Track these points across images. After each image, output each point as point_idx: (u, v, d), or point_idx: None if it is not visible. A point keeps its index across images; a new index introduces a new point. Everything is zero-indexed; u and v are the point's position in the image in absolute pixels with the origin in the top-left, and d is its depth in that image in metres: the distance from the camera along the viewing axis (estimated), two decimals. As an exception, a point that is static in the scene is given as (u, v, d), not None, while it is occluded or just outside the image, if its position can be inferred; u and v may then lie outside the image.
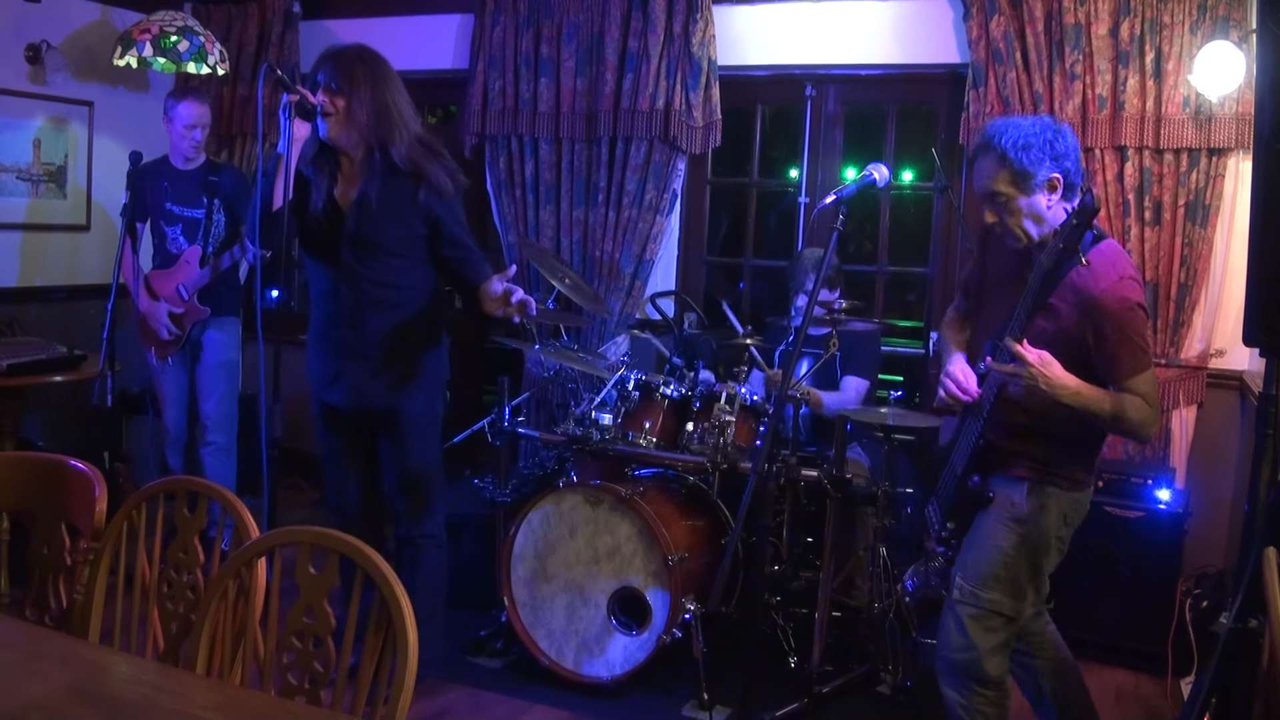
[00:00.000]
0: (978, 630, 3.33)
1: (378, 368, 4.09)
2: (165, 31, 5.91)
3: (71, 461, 2.87)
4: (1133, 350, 3.10)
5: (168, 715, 2.05)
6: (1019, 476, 3.33)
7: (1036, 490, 3.31)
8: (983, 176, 3.19)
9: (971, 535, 3.43)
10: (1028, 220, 3.17)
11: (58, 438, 6.33)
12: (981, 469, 3.39)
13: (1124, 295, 3.08)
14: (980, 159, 3.21)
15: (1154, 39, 4.93)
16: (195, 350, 5.68)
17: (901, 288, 7.42)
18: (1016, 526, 3.31)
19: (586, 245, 6.14)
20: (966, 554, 3.42)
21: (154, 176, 5.57)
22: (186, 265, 5.53)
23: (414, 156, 3.94)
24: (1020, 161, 3.10)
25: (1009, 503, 3.33)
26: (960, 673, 3.38)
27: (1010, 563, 3.31)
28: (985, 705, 3.38)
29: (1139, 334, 3.11)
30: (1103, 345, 3.10)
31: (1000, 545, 3.32)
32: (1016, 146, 3.10)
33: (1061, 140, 3.14)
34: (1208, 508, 5.12)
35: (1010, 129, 3.14)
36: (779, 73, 5.98)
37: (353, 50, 3.95)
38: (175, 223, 5.55)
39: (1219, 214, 4.96)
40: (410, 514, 4.26)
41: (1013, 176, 3.12)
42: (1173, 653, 4.68)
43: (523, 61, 6.17)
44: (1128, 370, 3.10)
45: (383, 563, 2.30)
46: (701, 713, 4.30)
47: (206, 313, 5.55)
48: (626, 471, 4.94)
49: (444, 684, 4.46)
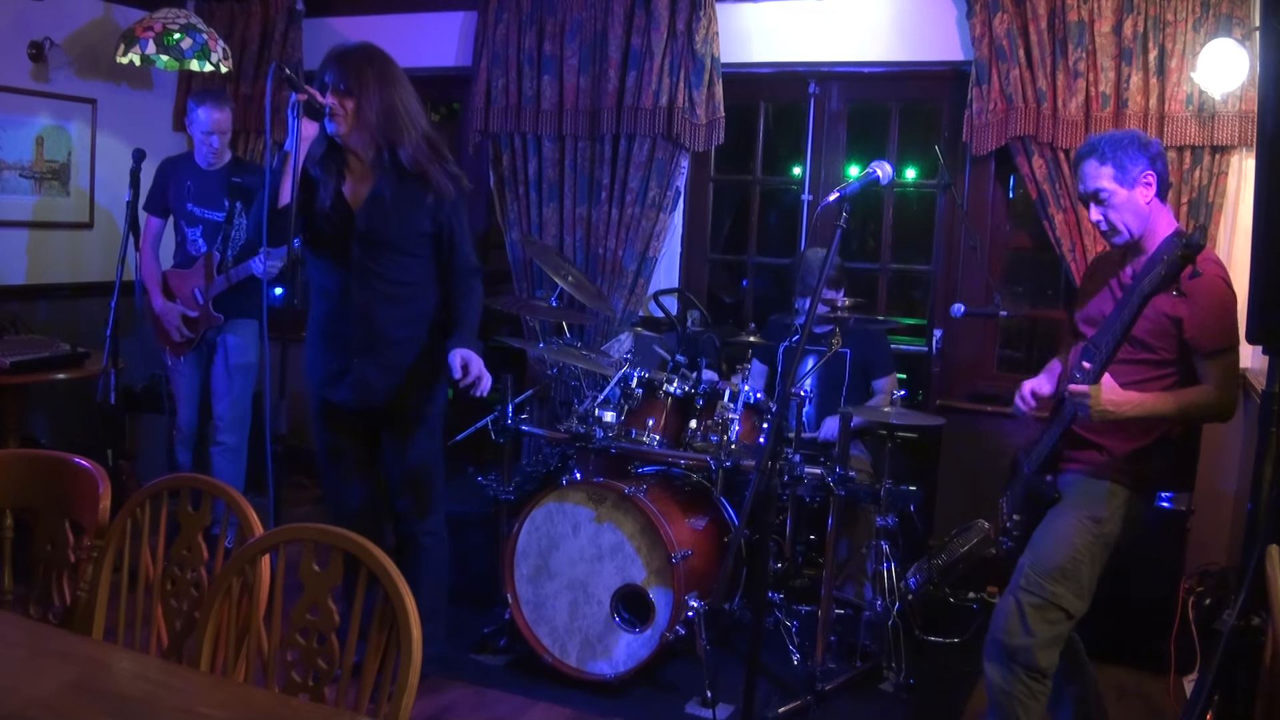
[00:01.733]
0: (1038, 620, 3.43)
1: (384, 364, 4.10)
2: (168, 29, 5.91)
3: (75, 459, 2.87)
4: (1218, 321, 3.33)
5: (172, 712, 2.06)
6: (1098, 474, 3.51)
7: (1118, 490, 3.48)
8: (1088, 177, 3.46)
9: (1046, 527, 3.55)
10: (1130, 215, 3.45)
11: (61, 435, 6.34)
12: (1054, 469, 3.59)
13: (1212, 270, 3.33)
14: (1083, 164, 3.49)
15: (1157, 36, 4.92)
16: (212, 350, 5.68)
17: (905, 285, 7.41)
18: (1093, 526, 3.46)
19: (590, 243, 6.14)
20: (1039, 544, 3.52)
21: (178, 174, 5.58)
22: (204, 269, 5.54)
23: (419, 158, 3.95)
24: (1120, 158, 3.40)
25: (1087, 500, 3.48)
26: (1011, 657, 3.46)
27: (1080, 560, 3.44)
28: (1026, 695, 3.46)
29: (1227, 312, 3.36)
30: (1194, 313, 3.31)
31: (1074, 542, 3.45)
32: (1115, 145, 3.41)
33: (1154, 144, 3.46)
34: (1210, 505, 5.11)
35: (1107, 135, 3.48)
36: (782, 70, 5.98)
37: (360, 50, 3.94)
38: (196, 224, 5.56)
39: (1222, 211, 4.95)
40: (412, 512, 4.26)
41: (1114, 172, 3.41)
42: (1175, 650, 4.67)
43: (526, 59, 6.17)
44: (1213, 343, 3.33)
45: (386, 560, 2.30)
46: (705, 710, 4.30)
47: (220, 320, 5.55)
48: (630, 469, 4.94)
49: (447, 681, 4.46)
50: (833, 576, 4.44)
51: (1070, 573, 3.43)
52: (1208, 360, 3.35)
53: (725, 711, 4.30)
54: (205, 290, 5.52)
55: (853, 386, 5.23)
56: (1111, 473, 3.49)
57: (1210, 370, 3.35)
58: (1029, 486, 3.65)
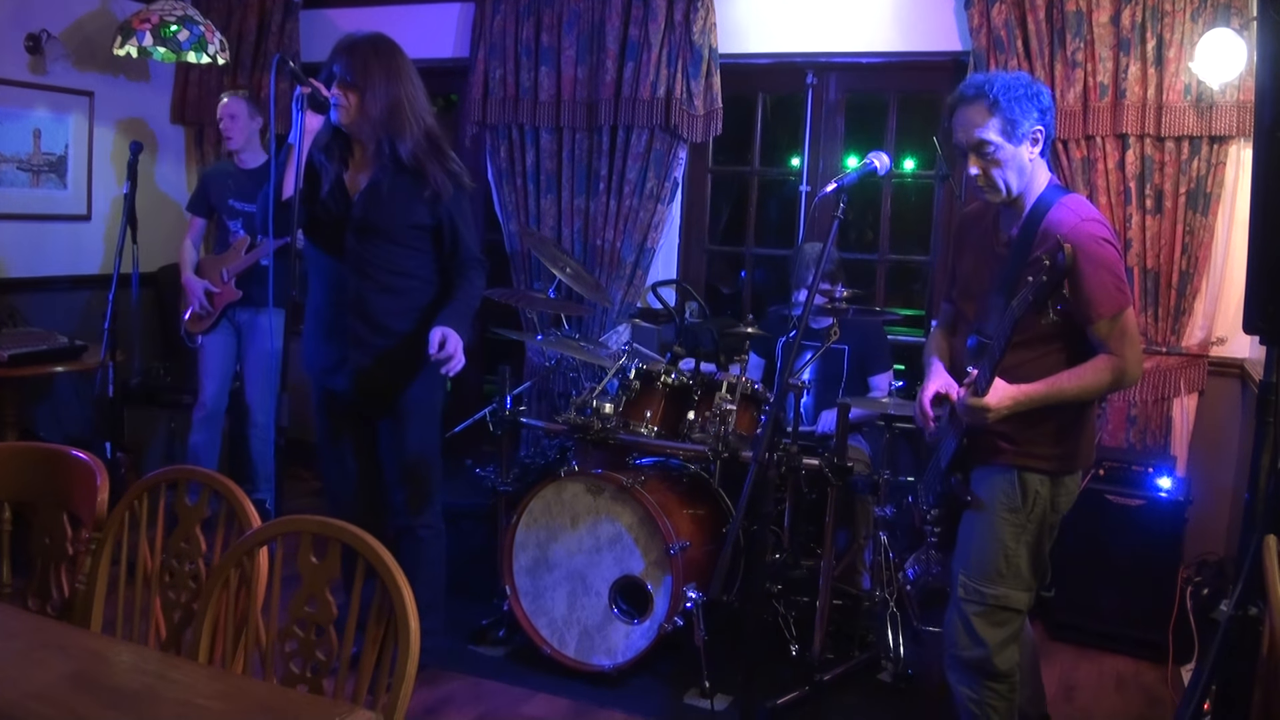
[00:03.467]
0: (985, 626, 3.32)
1: (382, 353, 4.10)
2: (165, 21, 5.90)
3: (73, 451, 2.87)
4: (1104, 286, 3.09)
5: (170, 704, 2.06)
6: (1005, 464, 3.30)
7: (1025, 477, 3.29)
8: (969, 125, 3.18)
9: (967, 530, 3.41)
10: (1011, 172, 3.19)
11: (60, 428, 6.34)
12: (963, 467, 3.39)
13: (1090, 231, 3.09)
14: (965, 108, 3.20)
15: (1155, 26, 4.92)
16: (243, 334, 5.93)
17: (903, 276, 7.41)
18: (1013, 518, 3.29)
19: (588, 234, 6.14)
20: (965, 549, 3.39)
21: (220, 176, 5.93)
22: (234, 251, 5.82)
23: (419, 154, 3.95)
24: (1012, 109, 3.11)
25: (1000, 494, 3.31)
26: (971, 670, 3.37)
27: (1011, 555, 3.29)
28: (996, 700, 3.37)
29: (1111, 271, 3.10)
30: (1078, 285, 3.04)
31: (1000, 538, 3.30)
32: (1008, 94, 3.11)
33: (1045, 94, 3.17)
34: (1208, 495, 5.12)
35: (998, 79, 3.16)
36: (780, 61, 5.97)
37: (369, 42, 3.93)
38: (237, 217, 5.85)
39: (1220, 201, 4.96)
40: (410, 504, 4.26)
41: (1003, 124, 3.13)
42: (1173, 640, 4.69)
43: (523, 50, 6.16)
44: (1105, 308, 3.10)
45: (384, 552, 2.30)
46: (703, 700, 4.30)
47: (239, 295, 5.80)
48: (628, 460, 4.94)
49: (445, 673, 4.47)
50: (831, 567, 4.44)
51: (1006, 571, 3.30)
52: (1100, 325, 3.12)
53: (723, 702, 4.31)
54: (232, 269, 5.79)
55: (850, 381, 5.23)
56: (1016, 459, 3.28)
57: (1105, 337, 3.13)
58: (942, 488, 3.46)
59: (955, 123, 3.23)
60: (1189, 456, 5.18)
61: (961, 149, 3.24)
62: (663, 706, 4.31)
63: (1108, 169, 5.04)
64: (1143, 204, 5.02)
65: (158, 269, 6.73)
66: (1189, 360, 5.07)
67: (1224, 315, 5.05)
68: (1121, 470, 4.87)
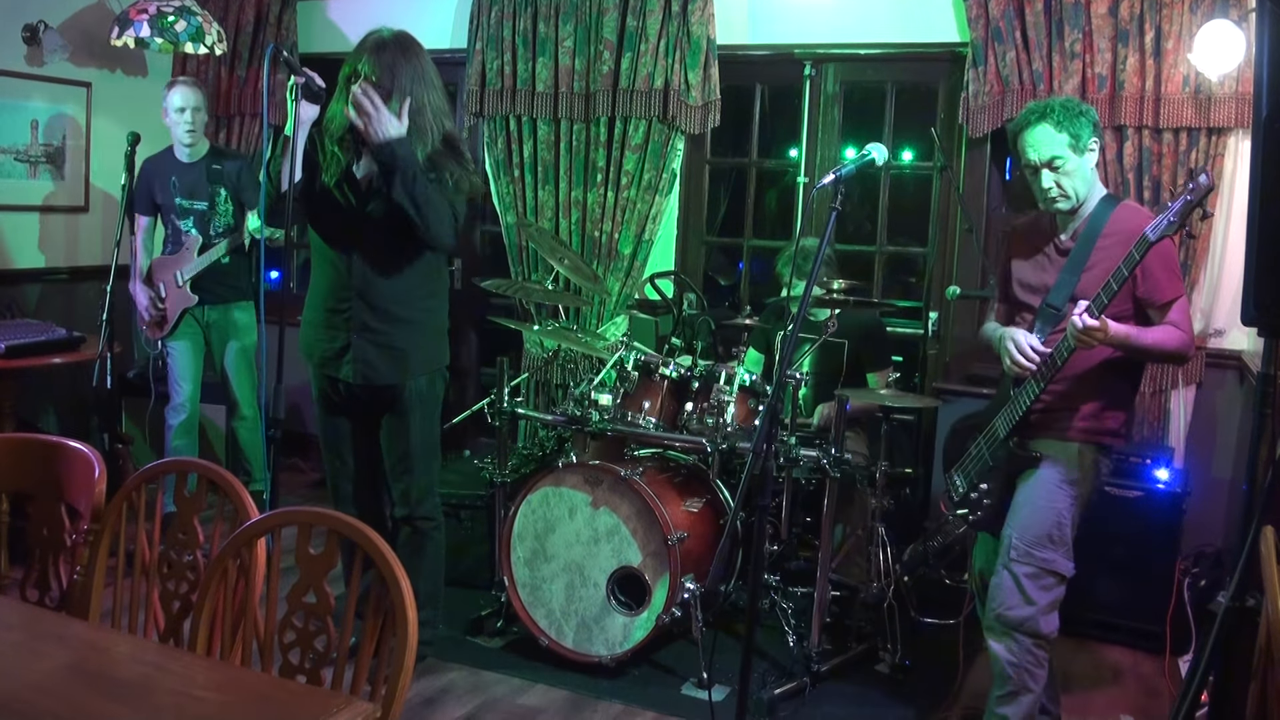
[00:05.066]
0: (1035, 588, 3.54)
1: (385, 342, 4.10)
2: (163, 12, 5.89)
3: (71, 443, 2.88)
4: (1169, 275, 3.48)
5: (168, 695, 2.06)
6: (1067, 437, 3.61)
7: (1086, 450, 3.60)
8: (1040, 144, 3.53)
9: (1024, 495, 3.62)
10: (1078, 181, 3.55)
11: (58, 419, 6.34)
12: (1026, 432, 3.63)
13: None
14: (1032, 130, 3.54)
15: (1154, 18, 4.91)
16: (213, 331, 5.86)
17: (900, 268, 7.39)
18: (1069, 488, 3.57)
19: (585, 226, 6.14)
20: (1021, 515, 3.60)
21: (161, 173, 5.74)
22: (187, 252, 5.71)
23: (435, 157, 3.95)
24: (1074, 125, 3.50)
25: (1062, 464, 3.58)
26: (1016, 629, 3.55)
27: (1064, 523, 3.55)
28: (1033, 664, 3.56)
29: (1172, 261, 3.52)
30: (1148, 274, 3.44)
31: (1056, 506, 3.55)
32: (1068, 113, 3.50)
33: (1093, 111, 3.58)
34: (1206, 487, 5.13)
35: (1054, 103, 3.55)
36: (778, 52, 5.96)
37: (396, 44, 3.90)
38: (187, 216, 5.73)
39: (1219, 193, 4.95)
40: (409, 496, 4.27)
41: (1070, 139, 3.50)
42: (1171, 631, 4.69)
43: (521, 41, 6.15)
44: (1169, 293, 3.48)
45: (382, 543, 2.31)
46: (700, 691, 4.31)
47: (194, 300, 5.72)
48: (626, 452, 4.94)
49: (444, 664, 4.47)
50: (828, 558, 4.45)
51: (1057, 537, 3.54)
52: (1163, 310, 3.49)
53: (721, 693, 4.31)
54: (185, 272, 5.69)
55: (850, 377, 5.21)
56: (1078, 433, 3.61)
57: (1168, 318, 3.49)
58: (997, 454, 3.69)
59: (1024, 143, 3.57)
60: (1187, 448, 5.18)
61: (1034, 166, 3.57)
62: (660, 697, 4.32)
63: (1106, 160, 5.03)
64: (1141, 195, 5.01)
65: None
66: (1187, 352, 5.07)
67: (1222, 307, 5.05)
68: (1119, 462, 4.86)
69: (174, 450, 5.77)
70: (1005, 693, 3.60)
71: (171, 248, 5.79)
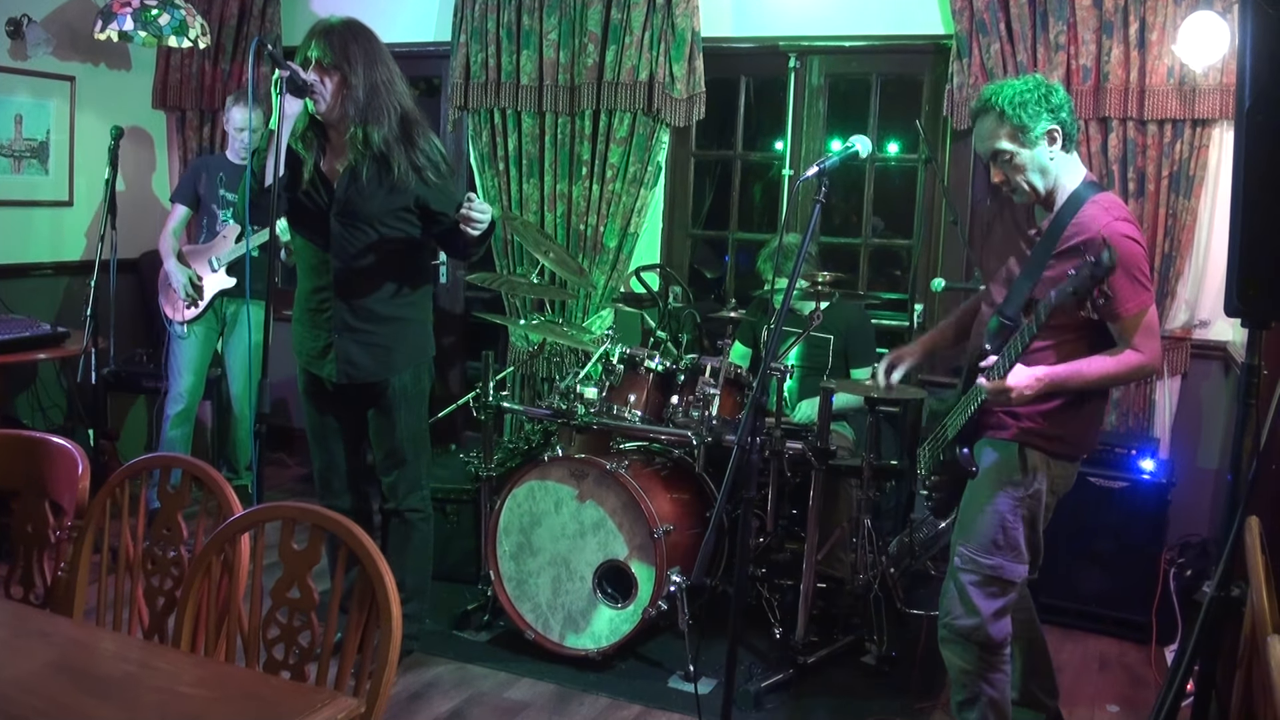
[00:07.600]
0: (980, 596, 3.42)
1: (367, 340, 4.09)
2: (146, 5, 5.86)
3: (54, 438, 2.87)
4: (1131, 284, 3.18)
5: (153, 692, 2.06)
6: (1008, 438, 3.41)
7: (1026, 452, 3.39)
8: (984, 137, 3.35)
9: (970, 500, 3.51)
10: (1033, 174, 3.33)
11: (41, 415, 6.32)
12: (970, 440, 3.47)
13: (1120, 230, 3.19)
14: (979, 121, 3.36)
15: (1138, 9, 4.92)
16: (227, 326, 5.97)
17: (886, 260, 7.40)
18: (1014, 491, 3.40)
19: (570, 219, 6.13)
20: (966, 520, 3.49)
21: (211, 168, 5.94)
22: (223, 240, 5.83)
23: (390, 140, 3.93)
24: (1019, 116, 3.26)
25: (1002, 466, 3.41)
26: (964, 639, 3.45)
27: (1009, 527, 3.40)
28: (988, 669, 3.46)
29: (1138, 268, 3.20)
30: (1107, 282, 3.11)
31: (999, 509, 3.41)
32: (1013, 103, 3.26)
33: (1055, 94, 3.30)
34: (1191, 477, 5.14)
35: (1005, 88, 3.31)
36: (763, 44, 5.96)
37: (345, 27, 3.90)
38: (228, 207, 5.84)
39: (1203, 185, 4.97)
40: (397, 490, 4.27)
41: (1013, 132, 3.28)
42: (1156, 621, 4.72)
43: (505, 34, 6.13)
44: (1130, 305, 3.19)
45: (366, 538, 2.30)
46: (687, 684, 4.32)
47: (231, 283, 5.82)
48: (611, 445, 4.95)
49: (430, 658, 4.47)
50: (814, 550, 4.46)
51: (1003, 541, 3.40)
52: (1124, 321, 3.22)
53: (708, 685, 4.32)
54: (222, 258, 5.81)
55: (835, 372, 5.21)
56: (1021, 436, 3.40)
57: (1128, 332, 3.23)
58: (947, 452, 3.55)
59: (974, 136, 3.42)
60: (1172, 439, 5.20)
61: (983, 159, 3.42)
62: (647, 690, 4.32)
63: (1090, 153, 5.04)
64: (1125, 188, 5.02)
65: (139, 255, 6.69)
66: (1172, 343, 5.08)
67: (1207, 298, 5.06)
68: (1104, 452, 4.89)
69: (169, 440, 5.79)
70: (963, 699, 3.53)
71: (206, 235, 5.91)
